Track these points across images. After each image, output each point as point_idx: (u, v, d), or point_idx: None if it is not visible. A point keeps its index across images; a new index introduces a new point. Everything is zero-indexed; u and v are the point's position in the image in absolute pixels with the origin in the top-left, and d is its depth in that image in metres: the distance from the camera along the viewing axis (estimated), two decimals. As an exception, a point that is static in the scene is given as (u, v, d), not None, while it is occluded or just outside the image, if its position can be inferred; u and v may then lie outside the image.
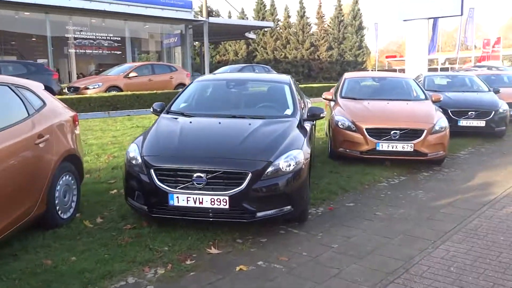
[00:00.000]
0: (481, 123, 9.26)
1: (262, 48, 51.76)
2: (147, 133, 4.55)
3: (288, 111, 5.07)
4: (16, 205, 3.42)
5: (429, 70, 48.72)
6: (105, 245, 3.65)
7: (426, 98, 7.62)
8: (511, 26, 76.67)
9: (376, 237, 4.08)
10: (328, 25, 50.84)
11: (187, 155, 4.04)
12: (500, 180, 6.19)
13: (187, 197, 3.80)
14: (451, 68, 45.45)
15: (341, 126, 6.82)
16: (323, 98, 7.99)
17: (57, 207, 4.03)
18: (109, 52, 25.48)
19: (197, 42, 49.77)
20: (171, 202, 3.83)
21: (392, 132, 6.48)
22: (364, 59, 51.74)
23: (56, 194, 4.02)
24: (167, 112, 5.15)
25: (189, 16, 28.38)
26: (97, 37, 24.68)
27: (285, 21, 51.55)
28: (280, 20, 52.15)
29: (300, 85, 23.93)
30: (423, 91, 7.84)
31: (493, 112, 9.30)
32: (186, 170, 3.85)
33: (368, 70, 52.71)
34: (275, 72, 20.05)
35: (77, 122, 4.89)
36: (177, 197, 3.81)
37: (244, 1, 78.47)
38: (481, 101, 9.74)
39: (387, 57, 71.42)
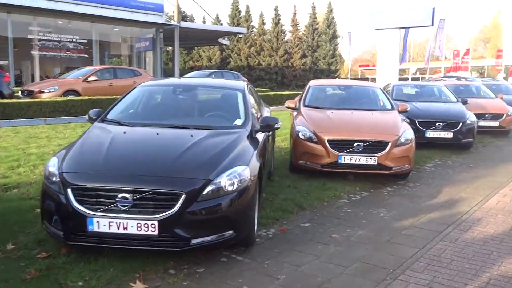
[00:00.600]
0: (449, 134, 9.00)
1: (236, 55, 51.42)
2: (72, 145, 3.99)
3: (239, 121, 4.57)
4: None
5: (400, 79, 49.30)
6: (5, 281, 3.06)
7: (393, 108, 7.28)
8: (480, 38, 78.68)
9: (329, 266, 3.62)
10: (302, 33, 50.93)
11: (111, 172, 3.50)
12: (465, 197, 5.85)
13: (109, 222, 3.25)
14: (421, 78, 46.11)
15: (302, 137, 6.39)
16: (286, 107, 7.55)
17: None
18: (76, 55, 24.56)
19: (170, 47, 49.20)
20: (90, 228, 3.27)
21: (355, 144, 6.08)
22: (337, 68, 51.97)
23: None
24: (102, 121, 4.56)
25: (160, 20, 27.69)
26: (62, 39, 23.75)
27: (260, 28, 51.40)
28: (255, 27, 51.96)
29: (270, 93, 23.82)
30: (389, 100, 7.50)
31: (461, 123, 9.06)
32: (109, 189, 3.31)
33: (340, 78, 53.01)
34: (244, 79, 19.62)
35: None
36: (98, 221, 3.26)
37: (219, 7, 78.19)
38: (449, 112, 9.52)
39: (360, 66, 72.21)
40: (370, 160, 6.06)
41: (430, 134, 9.04)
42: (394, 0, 25.92)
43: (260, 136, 4.61)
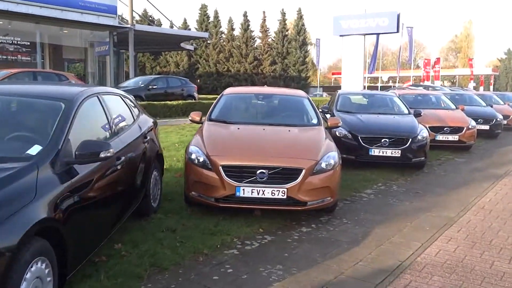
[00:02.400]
0: (396, 152, 7.66)
1: (204, 61, 49.99)
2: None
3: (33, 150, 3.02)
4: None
5: (370, 88, 48.66)
6: None
7: (319, 124, 5.87)
8: (451, 47, 79.25)
9: None
10: (272, 39, 49.81)
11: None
12: (399, 242, 4.45)
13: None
14: (392, 86, 45.45)
15: (194, 161, 4.90)
16: (190, 120, 6.04)
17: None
18: (16, 57, 22.62)
19: (138, 53, 47.29)
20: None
21: (258, 172, 4.62)
22: (308, 75, 51.03)
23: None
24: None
25: (113, 22, 25.95)
26: (0, 41, 21.83)
27: (229, 33, 50.15)
28: (224, 33, 50.68)
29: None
30: (316, 114, 6.08)
31: (410, 139, 7.74)
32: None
33: (311, 86, 52.08)
34: (193, 85, 18.09)
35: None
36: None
37: (187, 12, 76.72)
38: (398, 126, 8.20)
39: (333, 73, 71.61)
40: (278, 193, 4.61)
41: (375, 152, 7.69)
42: (358, 6, 24.95)
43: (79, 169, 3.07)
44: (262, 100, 6.50)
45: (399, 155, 7.65)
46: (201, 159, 4.85)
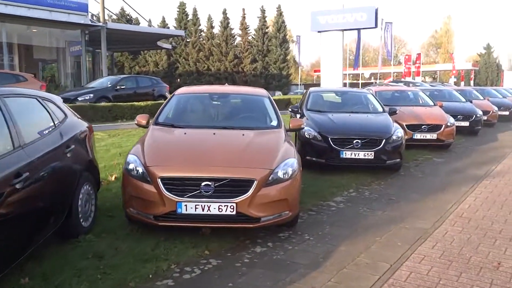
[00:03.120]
0: (369, 154, 7.09)
1: (184, 60, 49.13)
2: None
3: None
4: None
5: (352, 85, 48.41)
6: None
7: (279, 126, 5.25)
8: (432, 43, 79.61)
9: None
10: (252, 37, 49.15)
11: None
12: (366, 264, 3.86)
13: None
14: (374, 82, 45.27)
15: (132, 173, 4.24)
16: (136, 124, 5.35)
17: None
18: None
19: (116, 52, 46.24)
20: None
21: (203, 185, 3.98)
22: (289, 72, 50.53)
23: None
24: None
25: (84, 20, 25.00)
26: (-39, 41, 20.81)
27: (208, 31, 49.36)
28: (203, 31, 49.86)
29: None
30: (277, 115, 5.46)
31: (384, 140, 7.18)
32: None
33: (292, 84, 51.60)
34: (164, 85, 17.35)
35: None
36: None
37: (165, 10, 75.59)
38: (371, 125, 7.63)
39: (315, 71, 71.29)
40: (226, 208, 3.97)
41: (347, 154, 7.11)
42: (336, 2, 24.47)
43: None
44: (217, 100, 5.83)
45: (373, 157, 7.09)
46: (140, 170, 4.19)
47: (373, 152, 7.06)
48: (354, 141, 7.08)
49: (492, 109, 15.61)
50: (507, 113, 18.02)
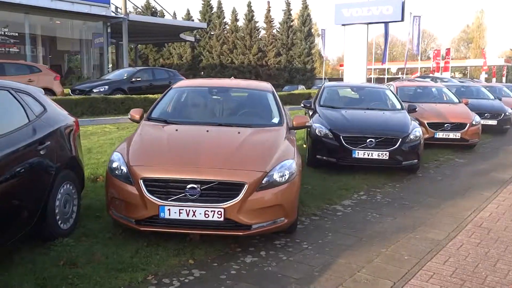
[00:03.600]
0: (384, 154, 6.62)
1: (207, 52, 48.99)
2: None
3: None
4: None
5: (378, 80, 47.35)
6: None
7: (280, 123, 4.84)
8: (463, 38, 77.21)
9: None
10: (277, 30, 48.58)
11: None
12: (363, 282, 3.44)
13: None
14: (401, 77, 44.14)
15: (115, 172, 3.93)
16: (129, 119, 5.02)
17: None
18: (3, 49, 21.80)
19: (140, 45, 46.49)
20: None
21: (188, 188, 3.63)
22: (314, 66, 49.78)
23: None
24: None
25: (105, 12, 25.03)
26: (-12, 32, 21.07)
27: (233, 24, 49.00)
28: (228, 24, 49.54)
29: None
30: (279, 111, 5.04)
31: (400, 139, 6.68)
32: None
33: (317, 78, 50.79)
34: (182, 78, 17.07)
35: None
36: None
37: (190, 3, 75.55)
38: (387, 123, 7.13)
39: (341, 65, 70.15)
40: (213, 214, 3.62)
41: (359, 154, 6.65)
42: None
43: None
44: (216, 94, 5.47)
45: (387, 158, 6.61)
46: (124, 170, 3.87)
47: (388, 152, 6.58)
48: (368, 140, 6.61)
49: (523, 107, 14.74)
50: (540, 111, 17.03)
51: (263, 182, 3.77)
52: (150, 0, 48.08)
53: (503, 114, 12.10)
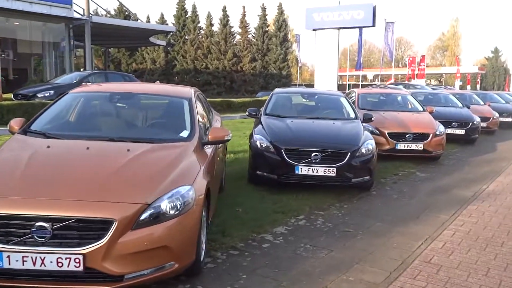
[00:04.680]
0: (331, 171, 5.81)
1: (182, 57, 47.91)
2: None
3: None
4: None
5: (354, 86, 47.11)
6: None
7: (189, 138, 3.95)
8: (438, 46, 78.00)
9: None
10: (252, 36, 47.88)
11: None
12: None
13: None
14: (377, 84, 43.91)
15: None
16: (8, 130, 4.09)
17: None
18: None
19: (112, 48, 45.19)
20: None
21: (36, 226, 2.73)
22: (289, 72, 49.23)
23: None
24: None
25: (66, 13, 23.91)
26: None
27: (207, 29, 48.09)
28: (202, 28, 48.60)
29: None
30: (192, 123, 4.16)
31: (349, 153, 5.89)
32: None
33: (293, 84, 50.27)
34: (138, 81, 16.12)
35: None
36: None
37: (164, 7, 74.55)
38: (335, 135, 6.35)
39: (318, 71, 69.92)
40: (68, 261, 2.73)
41: (303, 170, 5.83)
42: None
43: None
44: (120, 102, 4.52)
45: (335, 174, 5.80)
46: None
47: (335, 168, 5.78)
48: (313, 154, 5.80)
49: (493, 115, 14.26)
50: (509, 119, 16.67)
51: (141, 217, 2.89)
52: (124, 2, 46.88)
53: (471, 123, 11.51)
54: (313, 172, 5.79)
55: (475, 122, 11.58)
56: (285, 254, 4.06)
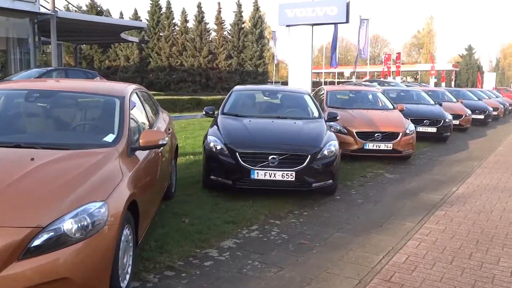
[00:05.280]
0: (290, 175, 5.34)
1: (156, 54, 46.90)
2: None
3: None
4: None
5: (331, 83, 46.99)
6: None
7: (114, 143, 3.40)
8: (414, 43, 78.72)
9: None
10: (228, 32, 47.19)
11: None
12: None
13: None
14: (353, 81, 43.90)
15: None
16: None
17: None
18: None
19: (85, 45, 43.93)
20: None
21: None
22: (265, 69, 48.76)
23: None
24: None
25: (31, 7, 22.88)
26: None
27: (182, 25, 47.19)
28: (177, 25, 47.69)
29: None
30: (120, 127, 3.59)
31: (309, 156, 5.43)
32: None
33: (269, 82, 49.86)
34: (103, 78, 15.39)
35: None
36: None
37: (138, 2, 73.16)
38: (295, 136, 5.87)
39: (296, 69, 69.65)
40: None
41: (259, 174, 5.34)
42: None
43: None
44: (39, 101, 3.93)
45: (294, 179, 5.33)
46: None
47: (294, 173, 5.31)
48: (270, 157, 5.32)
49: (465, 113, 14.06)
50: (482, 116, 16.57)
51: (33, 243, 2.36)
52: (97, -1, 45.62)
53: (442, 121, 11.24)
54: (270, 176, 5.31)
55: (447, 120, 11.32)
56: (228, 274, 3.57)
